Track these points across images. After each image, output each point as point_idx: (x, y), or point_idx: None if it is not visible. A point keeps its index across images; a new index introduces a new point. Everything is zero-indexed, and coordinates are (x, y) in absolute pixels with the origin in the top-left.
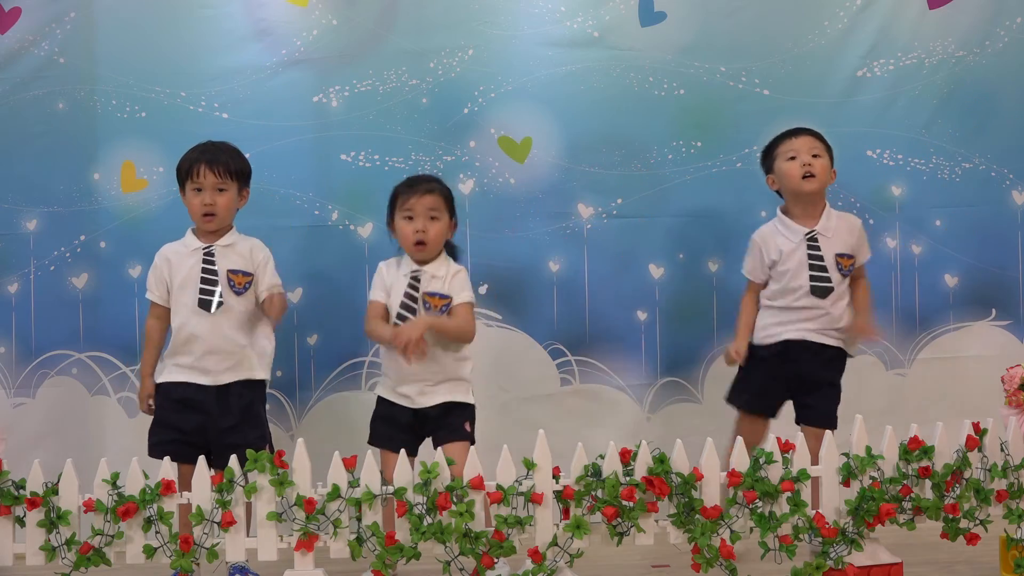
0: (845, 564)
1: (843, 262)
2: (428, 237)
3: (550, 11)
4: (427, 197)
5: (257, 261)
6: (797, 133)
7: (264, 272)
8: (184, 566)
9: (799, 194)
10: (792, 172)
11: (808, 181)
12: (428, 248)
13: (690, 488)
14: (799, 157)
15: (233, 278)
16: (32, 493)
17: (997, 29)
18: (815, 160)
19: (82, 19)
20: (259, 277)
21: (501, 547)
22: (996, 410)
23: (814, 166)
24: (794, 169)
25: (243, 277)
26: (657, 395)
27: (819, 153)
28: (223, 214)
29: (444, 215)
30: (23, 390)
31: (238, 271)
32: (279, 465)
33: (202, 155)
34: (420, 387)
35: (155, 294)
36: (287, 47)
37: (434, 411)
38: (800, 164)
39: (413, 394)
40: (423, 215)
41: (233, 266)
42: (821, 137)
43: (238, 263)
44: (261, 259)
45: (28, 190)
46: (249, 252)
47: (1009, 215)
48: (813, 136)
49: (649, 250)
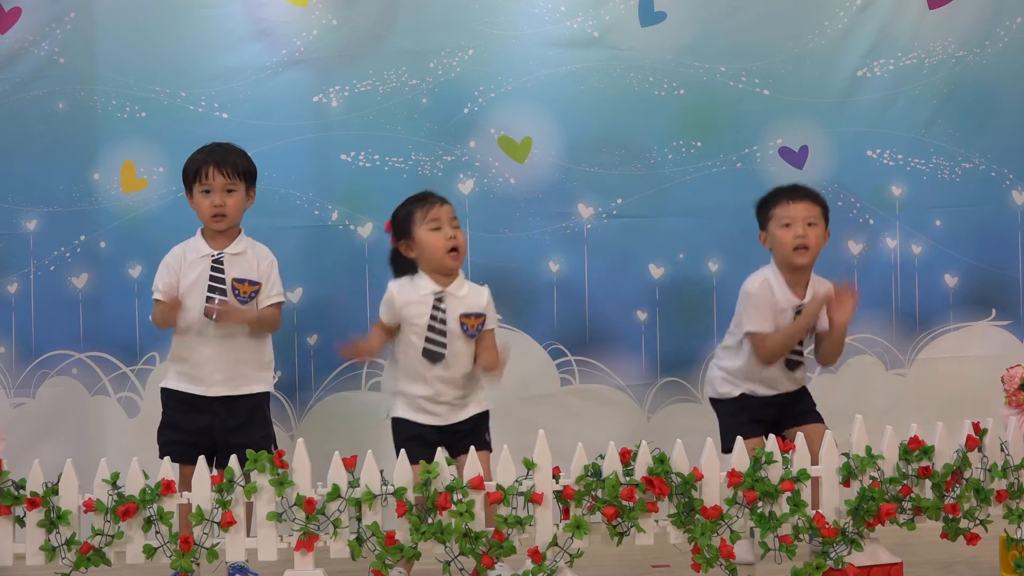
0: (845, 564)
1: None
2: (460, 243)
3: (550, 11)
4: (447, 206)
5: (262, 270)
6: (796, 197)
7: (267, 281)
8: (184, 566)
9: (791, 264)
10: (785, 241)
11: (800, 254)
12: (461, 255)
13: (690, 488)
14: (794, 227)
15: (239, 287)
16: (32, 493)
17: (997, 29)
18: (809, 230)
19: (82, 19)
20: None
21: (501, 547)
22: (996, 410)
23: (808, 237)
24: (787, 237)
25: (249, 286)
26: (657, 395)
27: (815, 221)
28: (233, 214)
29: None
30: (23, 390)
31: (244, 280)
32: (279, 465)
33: (210, 156)
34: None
35: (163, 294)
36: (287, 47)
37: (466, 425)
38: (794, 235)
39: (444, 412)
40: (449, 223)
41: (240, 275)
42: (820, 200)
43: (246, 272)
44: (266, 267)
45: (28, 190)
46: (256, 261)
47: (1009, 215)
48: (812, 201)
49: (649, 250)
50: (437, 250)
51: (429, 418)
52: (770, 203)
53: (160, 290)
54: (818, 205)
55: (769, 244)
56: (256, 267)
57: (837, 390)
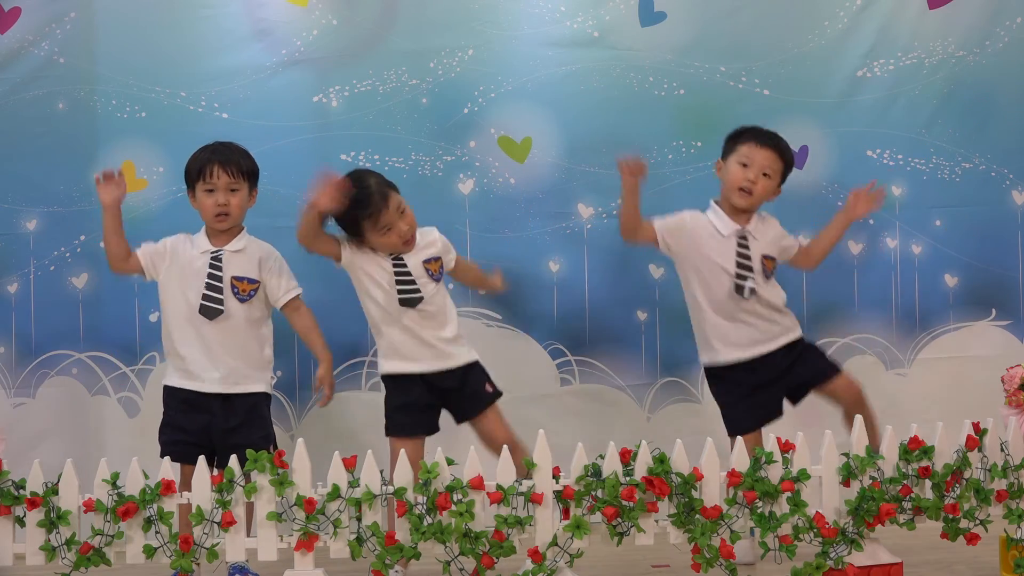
0: (845, 564)
1: (768, 264)
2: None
3: (550, 11)
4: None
5: (268, 268)
6: (765, 143)
7: (279, 279)
8: (184, 566)
9: (729, 200)
10: (735, 178)
11: (741, 195)
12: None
13: (690, 488)
14: (750, 168)
15: (237, 284)
16: (32, 493)
17: (997, 29)
18: (762, 179)
19: (82, 19)
20: (274, 283)
21: (501, 547)
22: (996, 410)
23: (757, 184)
24: (738, 177)
25: (248, 284)
26: (657, 395)
27: (771, 173)
28: (236, 213)
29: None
30: (23, 390)
31: (243, 278)
32: (279, 465)
33: (214, 155)
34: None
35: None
36: (287, 47)
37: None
38: (744, 177)
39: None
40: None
41: (239, 272)
42: (786, 156)
43: (245, 269)
44: (273, 266)
45: (28, 190)
46: (259, 260)
47: (1009, 215)
48: (776, 153)
49: (649, 250)
50: (395, 247)
51: (414, 365)
52: (740, 138)
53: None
54: (782, 160)
55: (722, 175)
56: (257, 265)
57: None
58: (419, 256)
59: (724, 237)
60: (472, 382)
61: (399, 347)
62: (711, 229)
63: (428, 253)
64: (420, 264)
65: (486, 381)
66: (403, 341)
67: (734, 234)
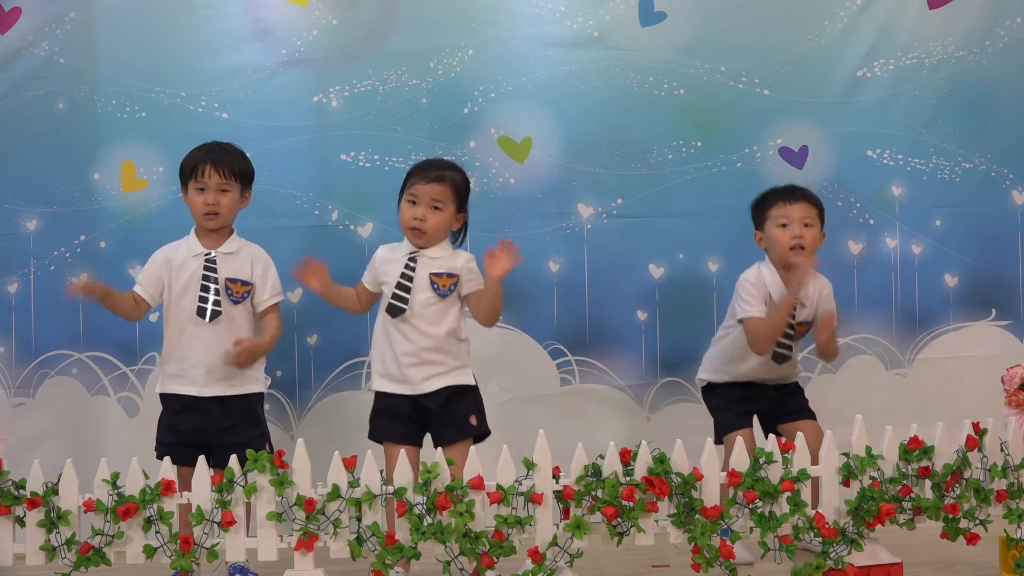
0: (845, 564)
1: (800, 329)
2: (427, 226)
3: (550, 11)
4: (435, 186)
5: (256, 271)
6: (792, 198)
7: (265, 281)
8: (184, 566)
9: (787, 263)
10: (782, 241)
11: (796, 253)
12: (426, 237)
13: (690, 488)
14: (791, 227)
15: (232, 287)
16: (32, 493)
17: (997, 29)
18: (806, 231)
19: (82, 19)
20: (259, 286)
21: (501, 547)
22: (996, 410)
23: (804, 237)
24: (784, 238)
25: (241, 286)
26: (657, 395)
27: (811, 222)
28: (225, 214)
29: (449, 207)
30: (23, 390)
31: (237, 280)
32: (279, 465)
33: (207, 155)
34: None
35: (145, 290)
36: (287, 47)
37: (438, 399)
38: (791, 235)
39: (414, 378)
40: (427, 202)
41: (232, 275)
42: (816, 202)
43: (238, 271)
44: (260, 268)
45: (28, 190)
46: (250, 262)
47: (1009, 215)
48: (808, 202)
49: (649, 250)
50: (404, 224)
51: (399, 386)
52: (766, 204)
53: (141, 284)
54: (814, 206)
55: (765, 244)
56: (249, 267)
57: (837, 390)
58: (431, 267)
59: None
60: (456, 410)
61: (388, 366)
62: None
63: (443, 267)
64: (427, 275)
65: (473, 414)
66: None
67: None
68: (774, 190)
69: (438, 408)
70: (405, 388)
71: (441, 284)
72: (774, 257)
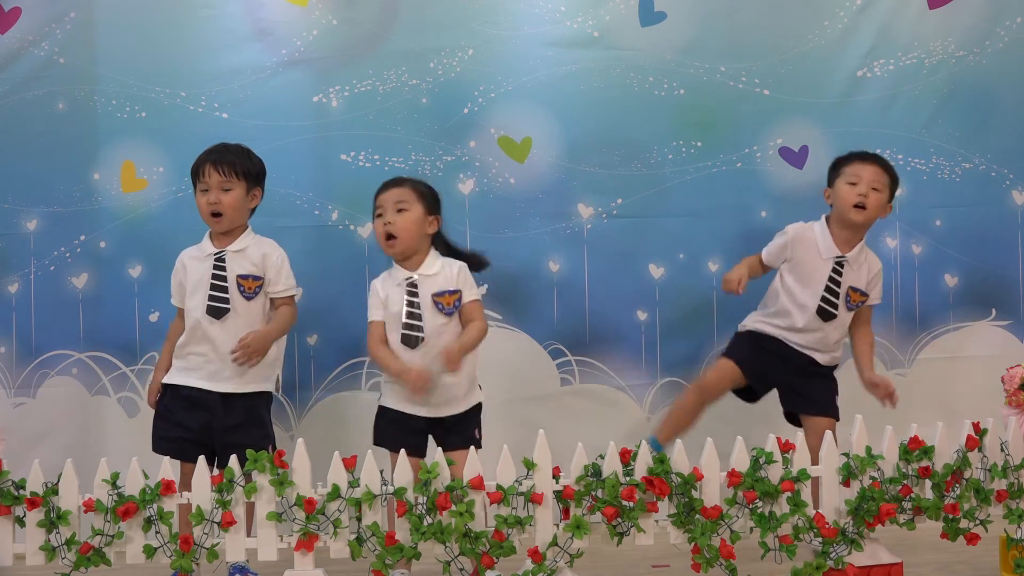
0: (845, 564)
1: (853, 296)
2: (396, 229)
3: (550, 11)
4: (394, 190)
5: (269, 264)
6: (868, 160)
7: (278, 275)
8: (184, 566)
9: (845, 220)
10: (847, 196)
11: (857, 212)
12: (399, 242)
13: (690, 488)
14: (859, 185)
15: (243, 283)
16: (32, 493)
17: (997, 29)
18: (872, 193)
19: (82, 19)
20: (272, 279)
21: (501, 547)
22: (996, 410)
23: (869, 198)
24: (850, 195)
25: (252, 282)
26: (657, 395)
27: (880, 187)
28: (229, 213)
29: (416, 206)
30: (23, 390)
31: (248, 276)
32: (279, 465)
33: (208, 156)
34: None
35: (176, 299)
36: (287, 47)
37: (452, 419)
38: (857, 193)
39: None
40: (391, 207)
41: (243, 271)
42: (891, 170)
43: (248, 268)
44: (275, 261)
45: (28, 190)
46: (261, 257)
47: (1009, 215)
48: (882, 168)
49: (649, 250)
50: (378, 240)
51: (417, 408)
52: (844, 161)
53: (176, 296)
54: (888, 174)
55: (831, 200)
56: (260, 262)
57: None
58: (431, 287)
59: (823, 260)
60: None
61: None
62: (815, 247)
63: (443, 285)
64: (430, 298)
65: (477, 427)
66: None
67: (832, 259)
68: (855, 152)
69: (451, 423)
70: (424, 411)
71: (445, 303)
72: (835, 212)
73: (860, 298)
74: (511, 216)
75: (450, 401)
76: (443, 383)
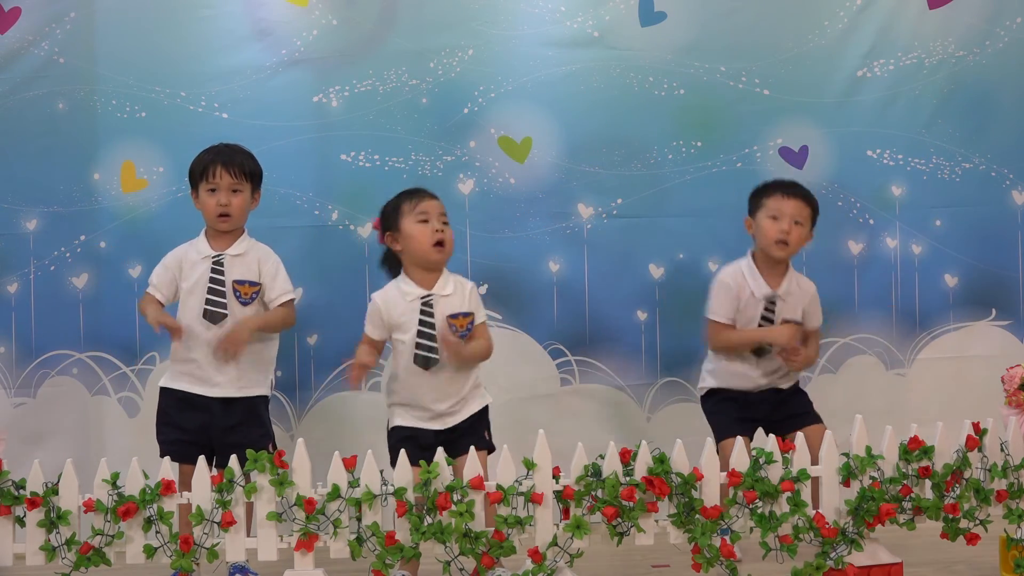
0: (845, 564)
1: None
2: (445, 238)
3: (550, 11)
4: (437, 202)
5: (265, 270)
6: (789, 193)
7: (274, 281)
8: (184, 566)
9: (769, 255)
10: (769, 232)
11: (779, 247)
12: (445, 251)
13: (690, 488)
14: (780, 221)
15: (239, 288)
16: (32, 493)
17: (997, 29)
18: (795, 228)
19: (82, 19)
20: (268, 285)
21: (501, 547)
22: (996, 410)
23: (792, 234)
24: (772, 230)
25: (249, 288)
26: (657, 395)
27: (802, 221)
28: (237, 215)
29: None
30: (23, 390)
31: (244, 281)
32: (279, 465)
33: (218, 156)
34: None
35: (160, 292)
36: (287, 47)
37: (463, 424)
38: (779, 229)
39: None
40: (437, 218)
41: (240, 276)
42: (812, 202)
43: (246, 273)
44: (270, 268)
45: (28, 190)
46: (257, 262)
47: (1009, 215)
48: (804, 201)
49: (649, 250)
50: (423, 243)
51: (428, 423)
52: (764, 193)
53: (155, 285)
54: (809, 207)
55: (753, 231)
56: (257, 268)
57: (837, 390)
58: (446, 308)
59: (756, 300)
60: (477, 426)
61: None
62: (748, 290)
63: (457, 307)
64: (445, 320)
65: (487, 429)
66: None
67: (763, 298)
68: (776, 182)
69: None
70: (435, 424)
71: (459, 325)
72: (759, 247)
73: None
74: (511, 216)
75: (455, 415)
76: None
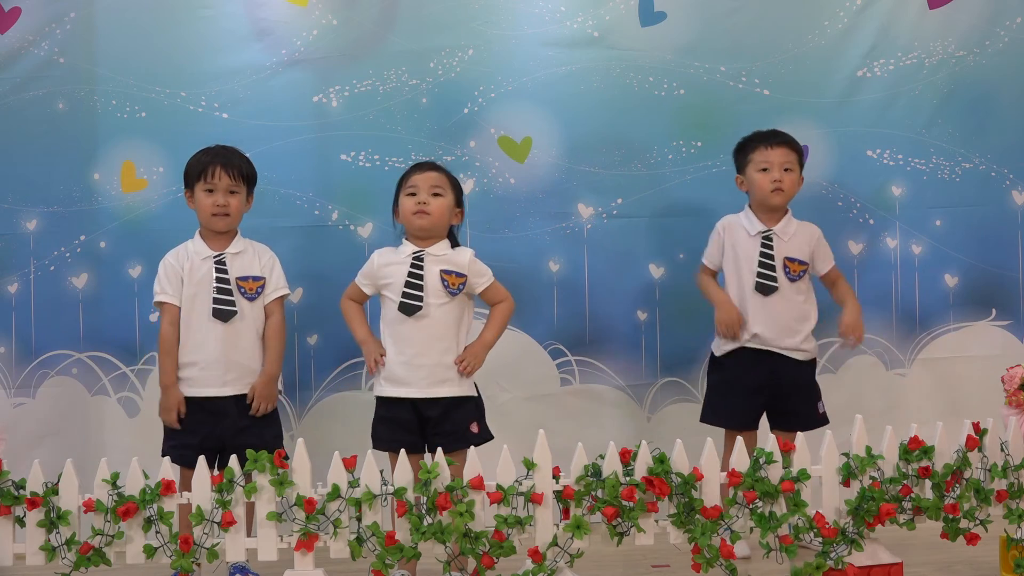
0: (845, 564)
1: (792, 267)
2: (431, 208)
3: (550, 11)
4: (431, 173)
5: (263, 265)
6: (773, 143)
7: (271, 275)
8: (184, 566)
9: (766, 204)
10: (763, 184)
11: (776, 195)
12: (430, 219)
13: (690, 488)
14: (771, 171)
15: (243, 284)
16: (32, 493)
17: (997, 29)
18: (786, 175)
19: (82, 19)
20: (264, 279)
21: (501, 547)
22: (996, 410)
23: (784, 181)
24: (764, 182)
25: (254, 283)
26: (657, 395)
27: (791, 166)
28: (235, 215)
29: (449, 194)
30: (23, 390)
31: (248, 277)
32: (279, 465)
33: (216, 157)
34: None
35: (172, 296)
36: (287, 47)
37: (439, 407)
38: (771, 179)
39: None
40: (426, 190)
41: (243, 272)
42: (796, 147)
43: (248, 268)
44: (267, 262)
45: (28, 190)
46: (257, 257)
47: (1009, 215)
48: (789, 147)
49: (649, 250)
50: (407, 213)
51: (404, 390)
52: (748, 148)
53: (169, 293)
54: (794, 151)
55: (746, 187)
56: (258, 263)
57: (837, 390)
58: (440, 265)
59: (751, 236)
60: (456, 419)
61: (393, 369)
62: (742, 230)
63: (450, 265)
64: (438, 273)
65: (475, 421)
66: (399, 362)
67: (759, 234)
68: (756, 134)
69: (438, 416)
70: (408, 391)
71: (451, 282)
72: (754, 200)
73: (800, 268)
74: (511, 216)
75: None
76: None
